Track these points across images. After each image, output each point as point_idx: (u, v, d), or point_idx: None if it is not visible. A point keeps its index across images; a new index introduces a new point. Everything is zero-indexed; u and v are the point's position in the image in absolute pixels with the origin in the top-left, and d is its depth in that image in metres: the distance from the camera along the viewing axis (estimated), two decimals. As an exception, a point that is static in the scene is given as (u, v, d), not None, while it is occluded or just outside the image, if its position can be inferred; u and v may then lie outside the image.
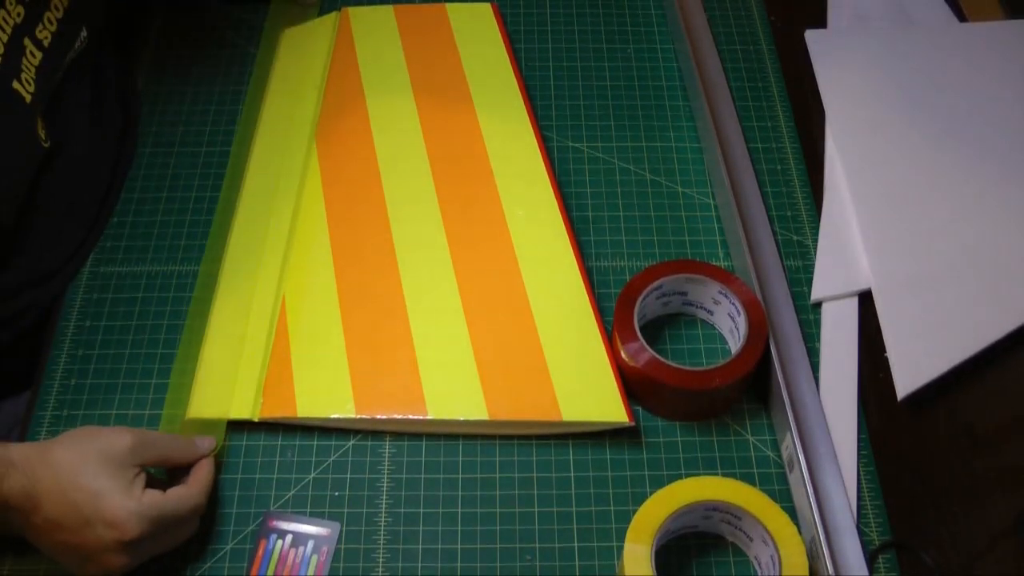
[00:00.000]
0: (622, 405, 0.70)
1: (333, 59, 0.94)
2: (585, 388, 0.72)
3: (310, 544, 0.68)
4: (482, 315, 0.76)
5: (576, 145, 0.88)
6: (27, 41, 0.75)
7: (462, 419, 0.71)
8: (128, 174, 0.87)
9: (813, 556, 0.64)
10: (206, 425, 0.72)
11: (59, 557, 0.64)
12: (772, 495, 0.68)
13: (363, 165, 0.85)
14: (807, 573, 0.61)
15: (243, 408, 0.72)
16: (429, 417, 0.71)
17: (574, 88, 0.93)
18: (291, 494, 0.70)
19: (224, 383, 0.74)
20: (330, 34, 0.96)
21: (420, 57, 0.93)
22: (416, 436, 0.73)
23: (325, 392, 0.73)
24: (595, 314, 0.75)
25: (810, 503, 0.66)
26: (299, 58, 0.94)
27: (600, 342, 0.74)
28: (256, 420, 0.72)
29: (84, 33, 0.81)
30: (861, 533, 0.67)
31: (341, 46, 0.95)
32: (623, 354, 0.71)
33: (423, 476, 0.71)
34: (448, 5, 0.97)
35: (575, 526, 0.68)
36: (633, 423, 0.70)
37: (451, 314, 0.76)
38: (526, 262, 0.79)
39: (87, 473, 0.62)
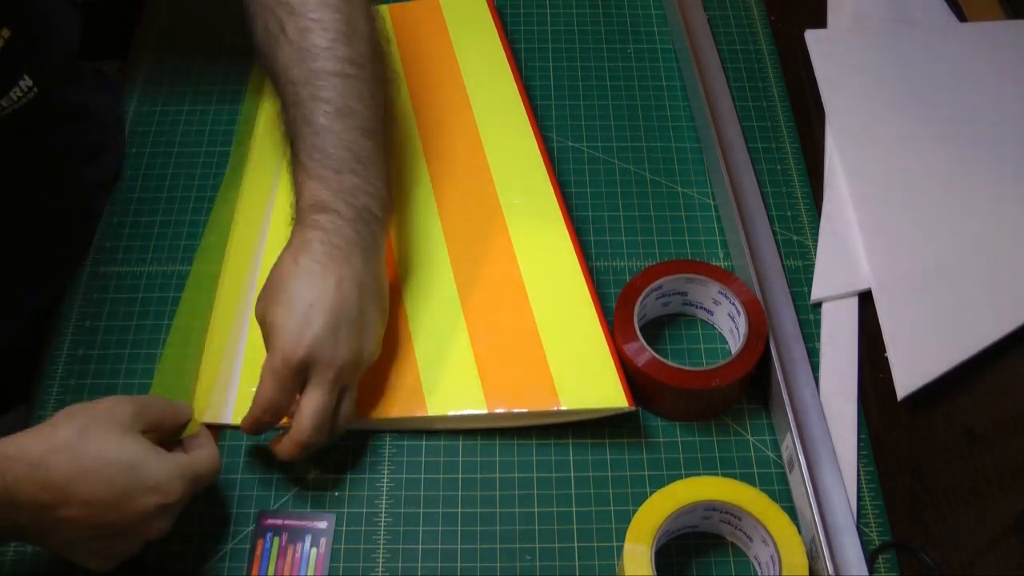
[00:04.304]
0: (622, 390, 0.70)
1: None
2: (584, 375, 0.71)
3: (308, 538, 0.68)
4: (479, 308, 0.76)
5: (576, 145, 0.88)
6: None
7: (461, 414, 0.71)
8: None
9: (813, 556, 0.64)
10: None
11: (84, 545, 0.58)
12: (772, 495, 0.68)
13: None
14: (807, 573, 0.61)
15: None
16: (429, 414, 0.71)
17: (574, 88, 0.92)
18: (291, 494, 0.70)
19: (225, 389, 0.73)
20: None
21: (414, 53, 0.93)
22: (416, 436, 0.73)
23: None
24: (594, 300, 0.75)
25: (810, 503, 0.65)
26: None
27: (599, 328, 0.73)
28: None
29: (29, 81, 0.69)
30: (861, 533, 0.67)
31: None
32: (623, 354, 0.71)
33: (423, 476, 0.71)
34: None
35: (575, 526, 0.68)
36: (634, 407, 0.69)
37: (449, 309, 0.76)
38: (523, 251, 0.78)
39: (109, 447, 0.57)
